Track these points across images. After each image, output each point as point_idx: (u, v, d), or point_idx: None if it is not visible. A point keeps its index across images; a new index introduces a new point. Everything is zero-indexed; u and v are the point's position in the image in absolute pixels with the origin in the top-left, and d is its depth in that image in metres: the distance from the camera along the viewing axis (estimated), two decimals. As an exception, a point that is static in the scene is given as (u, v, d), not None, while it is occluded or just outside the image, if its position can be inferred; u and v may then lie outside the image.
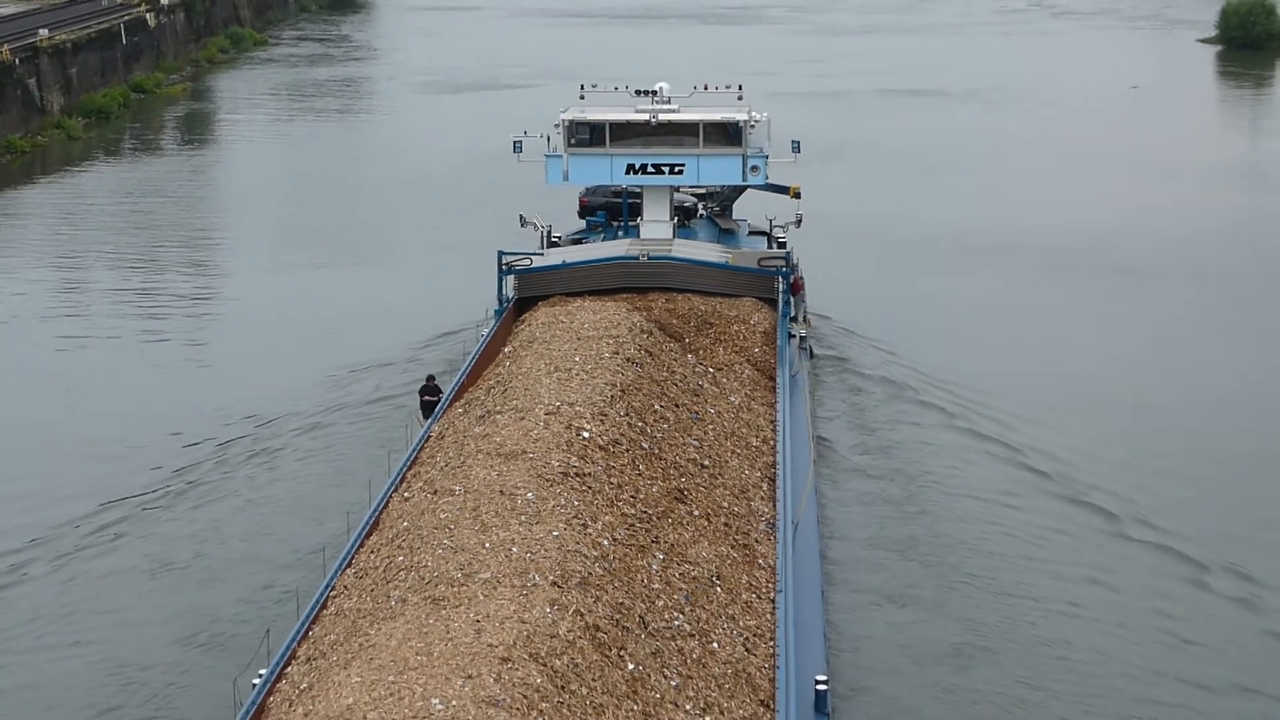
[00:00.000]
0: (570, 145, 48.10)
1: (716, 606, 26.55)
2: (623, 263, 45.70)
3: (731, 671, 24.76)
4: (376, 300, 56.36)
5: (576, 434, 29.42)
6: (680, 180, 48.92)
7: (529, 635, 21.71)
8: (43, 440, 42.83)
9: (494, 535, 25.19)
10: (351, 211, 72.92)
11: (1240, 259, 62.57)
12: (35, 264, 63.44)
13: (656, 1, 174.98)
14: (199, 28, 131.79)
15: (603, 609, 23.57)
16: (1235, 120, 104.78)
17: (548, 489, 26.92)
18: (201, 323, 54.80)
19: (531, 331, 38.12)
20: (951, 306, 55.49)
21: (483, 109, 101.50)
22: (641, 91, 49.43)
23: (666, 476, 30.21)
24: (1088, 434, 43.24)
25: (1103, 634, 32.22)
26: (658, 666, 23.38)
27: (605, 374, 33.09)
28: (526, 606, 22.65)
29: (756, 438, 35.58)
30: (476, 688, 20.14)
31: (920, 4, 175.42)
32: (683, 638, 24.76)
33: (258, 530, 36.22)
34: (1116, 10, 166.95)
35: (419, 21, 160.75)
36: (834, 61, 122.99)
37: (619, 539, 26.29)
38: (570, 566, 24.27)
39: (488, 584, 23.51)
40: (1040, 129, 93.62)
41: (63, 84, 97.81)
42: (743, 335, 43.33)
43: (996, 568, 35.07)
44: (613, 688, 21.90)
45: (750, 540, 29.96)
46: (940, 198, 73.38)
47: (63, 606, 32.92)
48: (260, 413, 43.83)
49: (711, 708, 23.36)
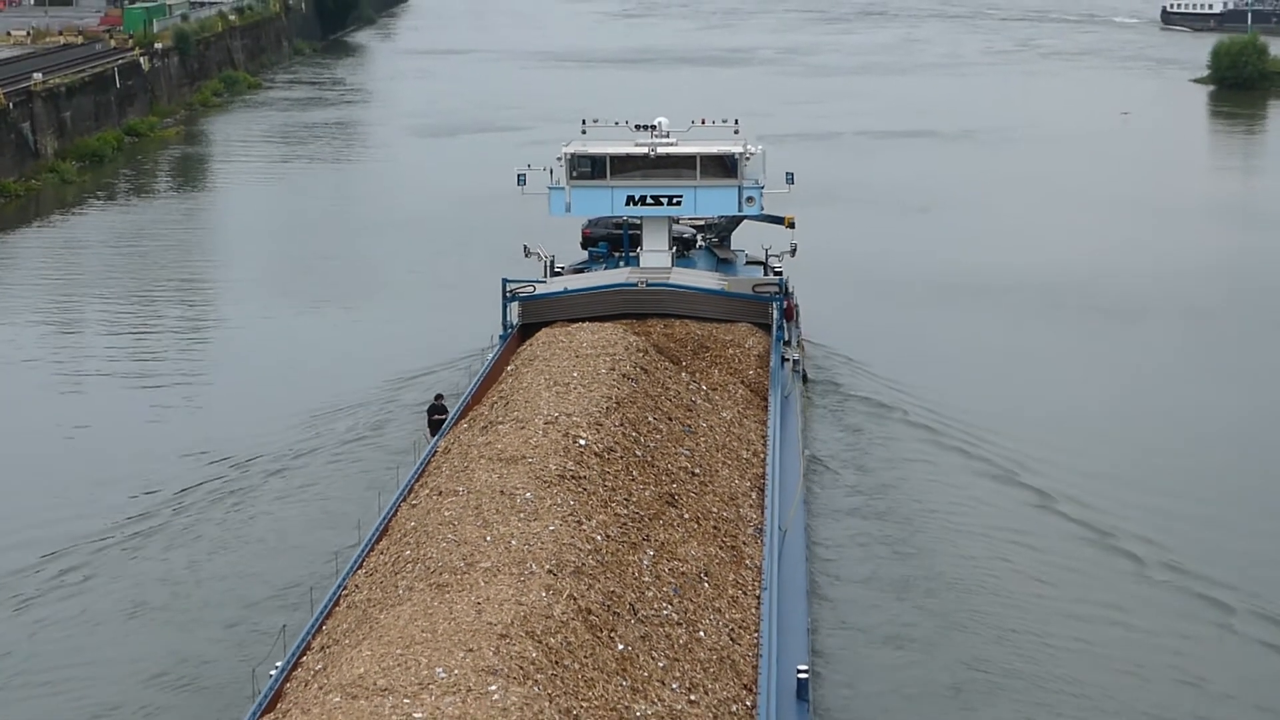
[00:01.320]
0: (572, 178, 50.03)
1: (704, 600, 28.34)
2: (622, 289, 47.56)
3: (716, 657, 26.54)
4: (372, 338, 56.88)
5: (573, 441, 31.27)
6: (678, 211, 50.78)
7: (525, 615, 23.55)
8: (48, 476, 43.03)
9: (494, 530, 27.07)
10: (346, 252, 73.20)
11: (1237, 297, 63.17)
12: (28, 307, 63.18)
13: (648, 44, 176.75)
14: (193, 71, 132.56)
15: (595, 595, 25.41)
16: (1229, 158, 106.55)
17: (545, 490, 28.79)
18: (197, 364, 54.86)
19: (533, 351, 40.02)
20: (943, 337, 56.86)
21: (477, 151, 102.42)
22: (641, 126, 51.45)
23: (659, 482, 32.04)
24: (1074, 452, 44.88)
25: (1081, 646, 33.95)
26: (646, 649, 25.18)
27: (602, 388, 34.96)
28: (524, 591, 24.50)
29: (747, 450, 37.39)
30: (476, 659, 21.97)
31: (909, 45, 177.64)
32: (670, 625, 26.56)
33: (269, 551, 37.57)
34: (1102, 50, 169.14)
35: (412, 64, 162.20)
36: (827, 102, 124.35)
37: (612, 536, 28.12)
38: (565, 557, 26.12)
39: (488, 572, 25.36)
40: (1034, 166, 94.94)
41: (57, 128, 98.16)
42: (737, 358, 45.13)
43: (975, 572, 36.98)
44: (603, 665, 23.70)
45: (738, 543, 31.75)
46: (933, 236, 74.55)
47: (96, 634, 34.14)
48: (252, 452, 43.94)
49: (696, 688, 25.12)
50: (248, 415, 47.80)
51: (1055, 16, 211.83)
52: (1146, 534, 39.01)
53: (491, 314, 48.42)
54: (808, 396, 48.55)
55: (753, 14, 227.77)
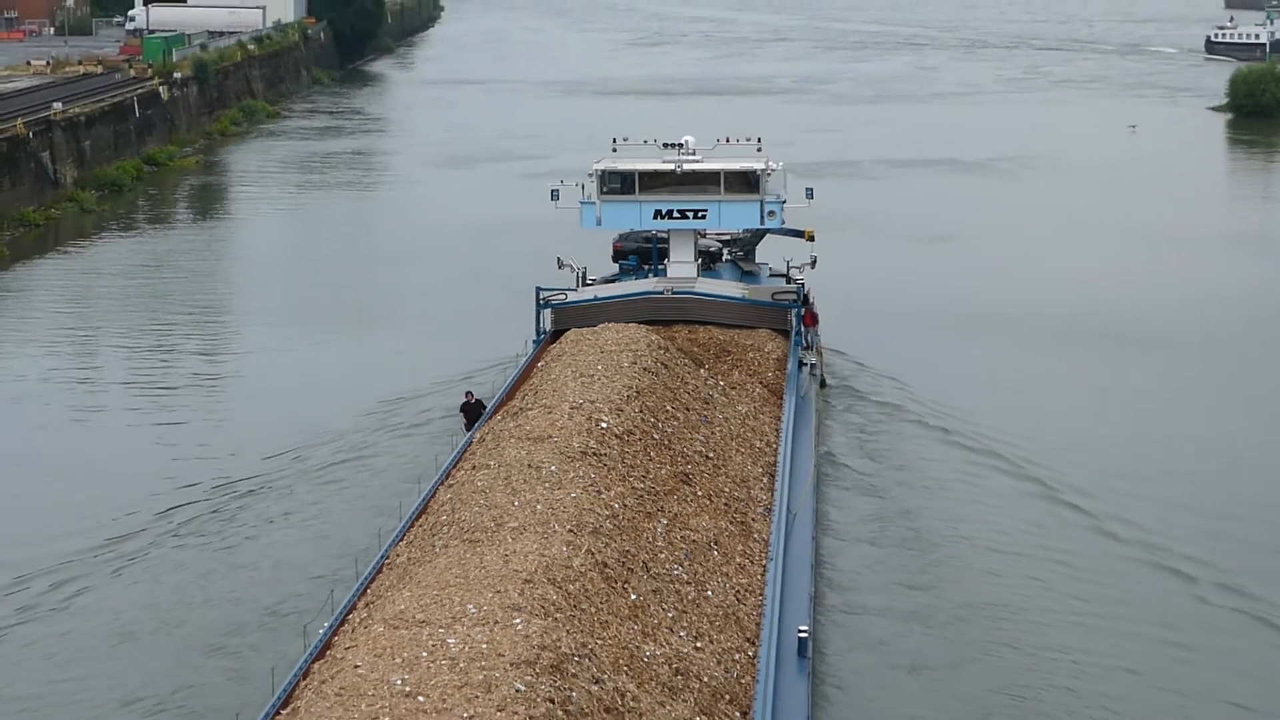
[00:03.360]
0: (603, 193, 52.89)
1: (712, 565, 31.18)
2: (649, 297, 50.53)
3: (722, 613, 29.35)
4: (399, 362, 57.10)
5: (595, 424, 34.20)
6: (703, 224, 53.51)
7: (548, 565, 26.48)
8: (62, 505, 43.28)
9: (522, 497, 30.10)
10: (367, 279, 73.32)
11: (1255, 327, 63.16)
12: (47, 335, 63.08)
13: (665, 74, 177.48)
14: (212, 100, 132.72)
15: (611, 552, 28.32)
16: (1246, 186, 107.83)
17: (569, 464, 31.77)
18: (216, 392, 55.16)
19: (561, 348, 43.06)
20: (959, 356, 58.20)
21: (494, 180, 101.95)
22: (669, 144, 54.39)
23: (674, 462, 34.93)
24: (1088, 465, 46.67)
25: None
26: (657, 600, 28.04)
27: (624, 379, 37.88)
28: (546, 546, 27.44)
29: (760, 440, 40.22)
30: (503, 598, 24.90)
31: (920, 74, 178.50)
32: (680, 584, 29.41)
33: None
34: (1107, 77, 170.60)
35: (430, 94, 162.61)
36: (846, 131, 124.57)
37: (628, 505, 31.03)
38: (585, 519, 29.07)
39: (515, 531, 28.36)
40: (1051, 195, 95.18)
41: (76, 157, 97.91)
42: (757, 361, 47.96)
43: (974, 551, 39.68)
44: (616, 610, 26.57)
45: (747, 519, 34.57)
46: (952, 265, 74.68)
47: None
48: (290, 454, 46.05)
49: (702, 637, 27.93)
50: (270, 429, 49.14)
51: (1094, 46, 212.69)
52: (1147, 525, 41.29)
53: (509, 340, 50.78)
54: (825, 400, 51.22)
55: (762, 43, 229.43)
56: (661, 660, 26.01)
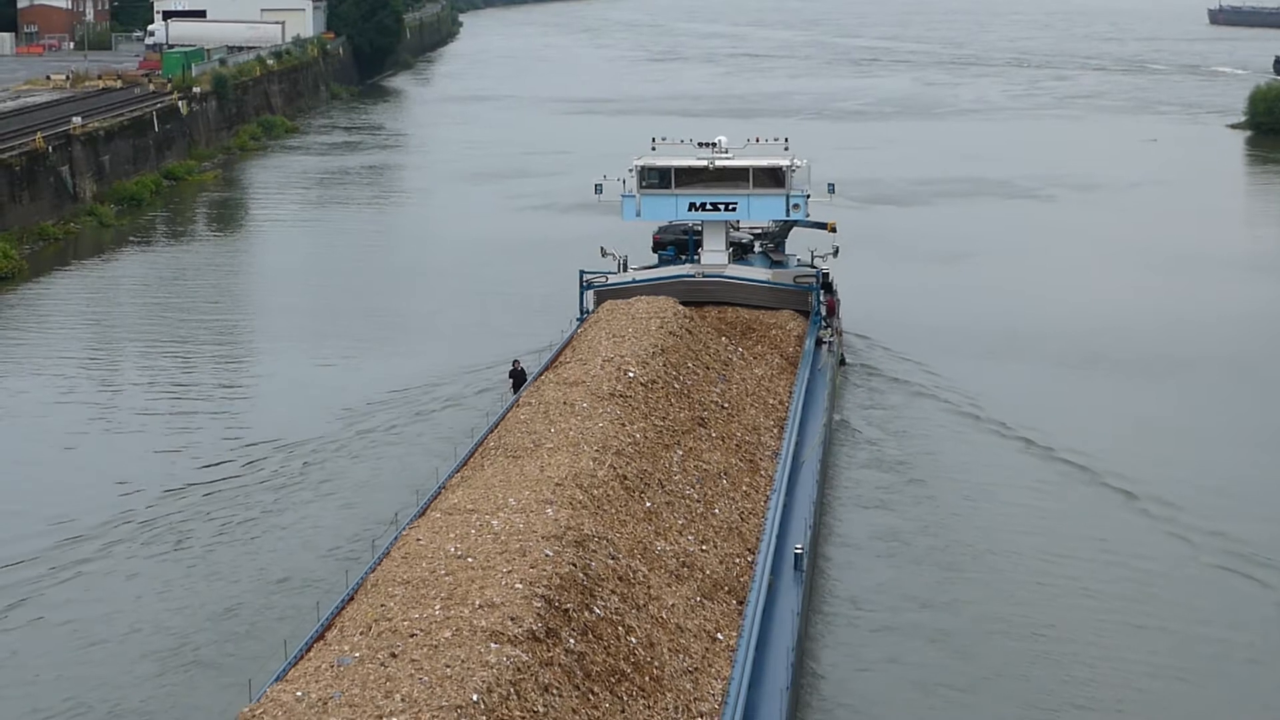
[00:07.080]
0: (642, 187, 58.15)
1: (721, 490, 36.43)
2: (683, 279, 55.82)
3: (727, 527, 34.58)
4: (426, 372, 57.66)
5: (624, 373, 39.58)
6: (733, 216, 58.64)
7: (576, 474, 31.90)
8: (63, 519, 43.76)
9: (557, 425, 35.72)
10: (383, 294, 73.55)
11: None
12: (66, 348, 63.40)
13: (681, 90, 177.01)
14: (231, 115, 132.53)
15: (631, 470, 33.68)
16: (1266, 203, 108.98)
17: (598, 403, 37.25)
18: (236, 404, 55.85)
19: (598, 316, 48.60)
20: (979, 349, 61.31)
21: (514, 195, 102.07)
22: (704, 143, 59.69)
23: (692, 409, 40.24)
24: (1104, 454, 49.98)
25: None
26: (669, 510, 33.33)
27: (650, 339, 43.26)
28: (576, 460, 32.92)
29: (774, 398, 45.38)
30: (537, 495, 30.29)
31: (933, 90, 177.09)
32: (690, 501, 34.72)
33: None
34: (1108, 93, 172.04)
35: (448, 110, 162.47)
36: (869, 150, 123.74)
37: (649, 437, 36.41)
38: (610, 444, 34.54)
39: (550, 450, 33.90)
40: (1074, 216, 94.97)
41: (95, 171, 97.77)
42: (779, 338, 53.18)
43: (976, 515, 44.44)
44: (633, 513, 31.86)
45: (756, 459, 39.77)
46: (976, 283, 74.88)
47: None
48: (342, 427, 50.20)
49: (707, 542, 33.15)
50: (300, 413, 52.37)
51: (1154, 69, 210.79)
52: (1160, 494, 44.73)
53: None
54: (843, 375, 56.17)
55: (772, 57, 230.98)
56: (670, 555, 31.21)
